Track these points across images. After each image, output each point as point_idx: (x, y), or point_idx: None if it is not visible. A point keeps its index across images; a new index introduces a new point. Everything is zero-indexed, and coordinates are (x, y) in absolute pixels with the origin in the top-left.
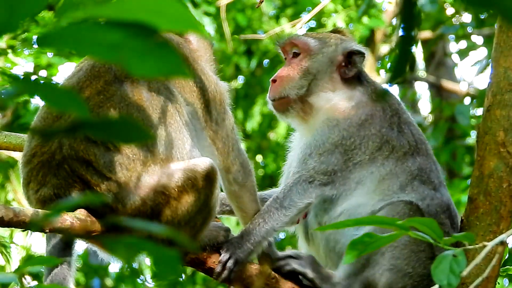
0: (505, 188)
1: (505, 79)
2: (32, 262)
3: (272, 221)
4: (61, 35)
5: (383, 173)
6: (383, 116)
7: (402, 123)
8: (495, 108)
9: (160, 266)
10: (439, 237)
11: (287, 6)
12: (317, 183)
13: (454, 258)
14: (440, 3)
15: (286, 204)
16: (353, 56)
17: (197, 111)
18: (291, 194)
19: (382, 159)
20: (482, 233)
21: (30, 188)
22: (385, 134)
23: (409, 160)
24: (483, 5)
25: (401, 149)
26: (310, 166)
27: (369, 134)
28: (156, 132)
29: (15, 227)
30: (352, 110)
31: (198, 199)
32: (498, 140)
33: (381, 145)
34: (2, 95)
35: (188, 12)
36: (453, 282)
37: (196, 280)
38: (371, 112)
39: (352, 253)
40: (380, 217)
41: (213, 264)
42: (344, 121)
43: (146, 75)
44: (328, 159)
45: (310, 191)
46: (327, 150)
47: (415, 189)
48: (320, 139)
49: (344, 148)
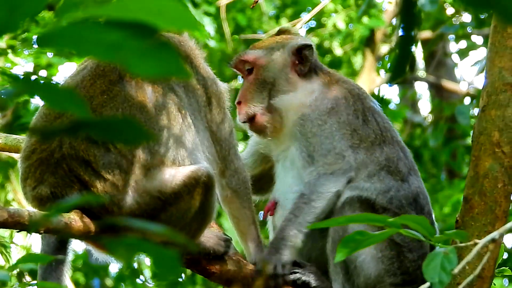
0: (500, 188)
1: (500, 79)
2: (25, 260)
3: (303, 214)
4: (61, 35)
5: (358, 162)
6: (346, 104)
7: (366, 110)
8: (490, 108)
9: (160, 266)
10: (431, 235)
11: (287, 6)
12: (339, 172)
13: (445, 256)
14: (440, 3)
15: (314, 197)
16: (302, 51)
17: (200, 112)
18: (316, 188)
19: (355, 148)
20: (477, 233)
21: (27, 185)
22: (352, 123)
23: (376, 150)
24: (482, 5)
25: (367, 138)
26: (320, 163)
27: (339, 121)
28: (158, 133)
29: (10, 228)
30: (317, 101)
31: (193, 205)
32: (493, 140)
33: (351, 133)
34: (2, 95)
35: (188, 12)
36: (445, 279)
37: (196, 280)
38: (334, 100)
39: (343, 250)
40: (371, 215)
41: (216, 269)
42: (313, 112)
43: (146, 75)
44: (325, 149)
45: (334, 180)
46: (316, 143)
47: (381, 179)
48: (303, 139)
49: (327, 131)
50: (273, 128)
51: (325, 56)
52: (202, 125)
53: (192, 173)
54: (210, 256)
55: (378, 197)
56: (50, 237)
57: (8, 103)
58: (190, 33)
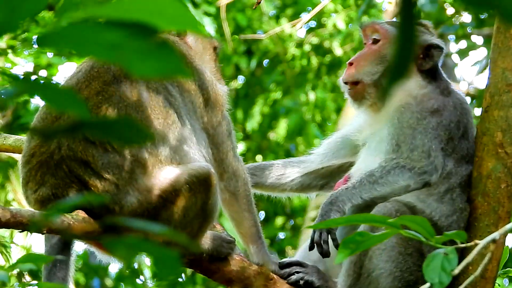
0: (503, 189)
1: (503, 80)
2: (26, 260)
3: (361, 188)
4: (61, 35)
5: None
6: (453, 112)
7: (468, 126)
8: (493, 109)
9: (160, 266)
10: (431, 236)
11: (287, 6)
12: (417, 170)
13: (445, 256)
14: (440, 3)
15: (381, 181)
16: (431, 49)
17: (196, 112)
18: (388, 175)
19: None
20: (480, 234)
21: (29, 188)
22: (451, 130)
23: (463, 166)
24: (482, 5)
25: (460, 152)
26: (404, 155)
27: (441, 123)
28: (155, 133)
29: (13, 228)
30: (425, 97)
31: (194, 204)
32: (496, 141)
33: (447, 139)
34: (2, 95)
35: (188, 12)
36: (445, 280)
37: (196, 280)
38: (442, 104)
39: (344, 252)
40: (371, 215)
41: (218, 269)
42: (417, 105)
43: (146, 75)
44: (414, 144)
45: (409, 175)
46: (408, 135)
47: (454, 198)
48: (398, 126)
49: (423, 127)
50: (371, 104)
51: (325, 56)
52: (198, 126)
53: (193, 170)
54: (213, 258)
55: (440, 219)
56: (54, 238)
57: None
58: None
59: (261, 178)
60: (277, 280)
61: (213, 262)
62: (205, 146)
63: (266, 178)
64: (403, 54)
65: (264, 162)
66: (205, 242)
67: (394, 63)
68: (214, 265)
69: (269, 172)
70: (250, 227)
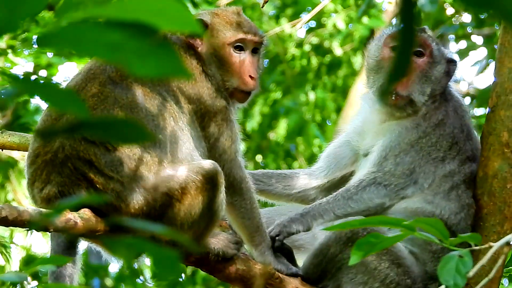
0: (509, 189)
1: (509, 80)
2: (37, 262)
3: (335, 204)
4: (61, 35)
5: (445, 172)
6: (456, 117)
7: (470, 128)
8: (499, 109)
9: (160, 266)
10: (445, 238)
11: (287, 6)
12: (394, 188)
13: (460, 259)
14: (440, 3)
15: (355, 198)
16: (449, 64)
17: (193, 122)
18: (363, 192)
19: (449, 158)
20: (486, 233)
21: (35, 187)
22: (456, 135)
23: (467, 164)
24: (482, 5)
25: (465, 153)
26: (386, 169)
27: (444, 133)
28: (154, 133)
29: (19, 227)
30: (433, 111)
31: (201, 202)
32: (502, 140)
33: (451, 145)
34: (2, 95)
35: (188, 12)
36: (459, 282)
37: (196, 280)
38: (446, 112)
39: (358, 253)
40: (386, 217)
41: (224, 268)
42: (424, 121)
43: (147, 75)
44: (403, 160)
45: (384, 193)
46: (402, 150)
47: (460, 194)
48: (396, 140)
49: (420, 146)
50: (397, 115)
51: (325, 56)
52: (195, 133)
53: (200, 168)
54: (219, 258)
55: (450, 217)
56: (60, 237)
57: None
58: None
59: (267, 186)
60: (283, 279)
61: (219, 261)
62: (203, 153)
63: (273, 186)
64: (403, 54)
65: (272, 171)
66: (212, 242)
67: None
68: (219, 264)
69: (276, 181)
70: (251, 232)
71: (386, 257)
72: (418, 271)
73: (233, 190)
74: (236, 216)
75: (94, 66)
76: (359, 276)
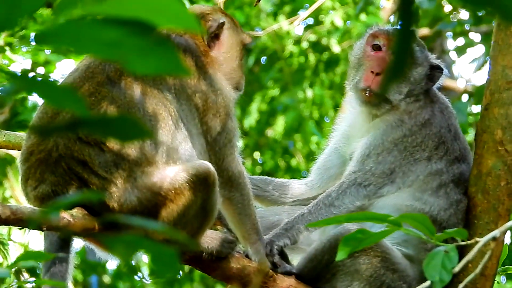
0: (503, 187)
1: (503, 78)
2: (26, 257)
3: (318, 213)
4: (59, 32)
5: (431, 170)
6: (443, 117)
7: (457, 128)
8: (493, 107)
9: (157, 264)
10: (432, 233)
11: (285, 3)
12: (373, 188)
13: (446, 254)
14: (437, 0)
15: (336, 204)
16: (433, 71)
17: (194, 118)
18: (343, 197)
19: (436, 158)
20: (480, 231)
21: (29, 185)
22: (443, 135)
23: (455, 165)
24: (480, 3)
25: (453, 153)
26: (367, 167)
27: (430, 133)
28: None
29: (13, 225)
30: (418, 109)
31: (194, 202)
32: (496, 138)
33: (438, 144)
34: (0, 93)
35: (185, 10)
36: (445, 278)
37: (193, 277)
38: (432, 112)
39: (345, 249)
40: (372, 213)
41: (218, 266)
42: (409, 120)
43: (145, 73)
44: (385, 159)
45: (364, 194)
46: (386, 149)
47: (448, 192)
48: (380, 138)
49: (404, 145)
50: (377, 114)
51: (323, 54)
52: (195, 131)
53: (193, 169)
54: (213, 257)
55: (439, 213)
56: (53, 236)
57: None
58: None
59: (264, 192)
60: (277, 278)
61: (213, 260)
62: (201, 151)
63: (270, 193)
64: (401, 53)
65: (270, 178)
66: (206, 241)
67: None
68: (213, 262)
69: (273, 188)
70: (247, 229)
71: (381, 264)
72: (413, 274)
73: (231, 185)
74: (233, 212)
75: (92, 64)
76: (355, 283)
